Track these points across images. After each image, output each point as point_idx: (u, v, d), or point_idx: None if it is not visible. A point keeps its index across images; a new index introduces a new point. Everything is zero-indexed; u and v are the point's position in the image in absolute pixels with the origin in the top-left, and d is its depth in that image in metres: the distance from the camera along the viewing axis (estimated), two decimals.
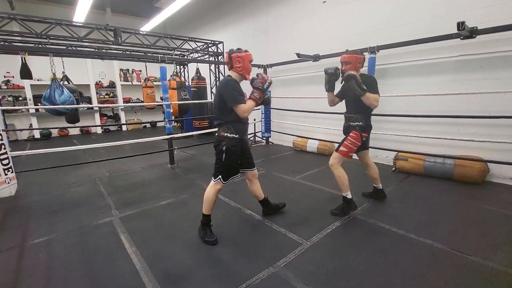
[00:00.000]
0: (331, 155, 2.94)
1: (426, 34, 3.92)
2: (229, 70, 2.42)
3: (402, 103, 4.49)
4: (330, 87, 2.92)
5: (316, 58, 5.41)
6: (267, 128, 6.62)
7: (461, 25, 3.14)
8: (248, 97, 2.34)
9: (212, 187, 2.44)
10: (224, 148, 2.34)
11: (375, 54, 4.45)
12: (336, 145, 5.51)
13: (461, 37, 3.53)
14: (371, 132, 2.99)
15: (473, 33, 3.41)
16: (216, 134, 2.44)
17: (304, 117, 6.07)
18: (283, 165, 4.85)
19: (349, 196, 2.85)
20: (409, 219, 2.71)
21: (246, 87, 2.29)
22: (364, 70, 4.69)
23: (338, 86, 2.93)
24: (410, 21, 4.26)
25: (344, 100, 3.02)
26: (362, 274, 1.91)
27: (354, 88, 2.55)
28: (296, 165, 4.86)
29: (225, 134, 2.35)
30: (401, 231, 2.47)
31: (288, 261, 2.07)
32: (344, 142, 2.83)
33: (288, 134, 6.46)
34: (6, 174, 3.50)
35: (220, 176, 2.41)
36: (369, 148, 2.87)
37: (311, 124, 5.80)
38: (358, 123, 2.78)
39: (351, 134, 2.80)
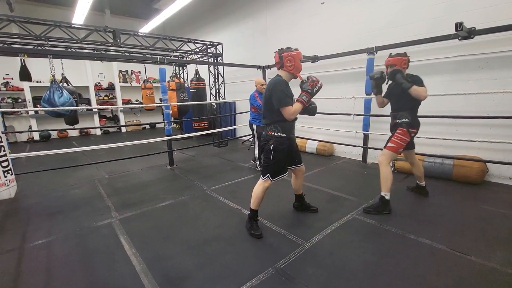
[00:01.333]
0: (330, 156, 2.96)
1: (425, 35, 3.93)
2: (278, 69, 2.44)
3: None
4: (378, 90, 3.05)
5: (315, 59, 5.43)
6: None
7: (459, 26, 3.15)
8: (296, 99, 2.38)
9: (260, 185, 2.50)
10: (271, 147, 2.39)
11: (373, 55, 4.47)
12: (335, 145, 5.54)
13: (459, 38, 3.55)
14: (370, 132, 3.00)
15: (471, 33, 3.43)
16: (264, 133, 2.51)
17: (303, 117, 6.03)
18: None
19: (388, 197, 2.82)
20: (408, 219, 2.71)
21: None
22: (363, 71, 4.72)
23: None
24: (409, 22, 4.28)
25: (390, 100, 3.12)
26: (362, 274, 1.91)
27: (401, 81, 2.64)
28: None
29: (273, 133, 2.40)
30: (400, 231, 2.47)
31: (288, 262, 2.07)
32: (392, 138, 2.88)
33: None
34: (5, 176, 3.50)
35: (268, 174, 2.45)
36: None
37: (310, 125, 5.81)
38: (404, 120, 2.84)
39: (397, 131, 2.85)
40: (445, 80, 4.01)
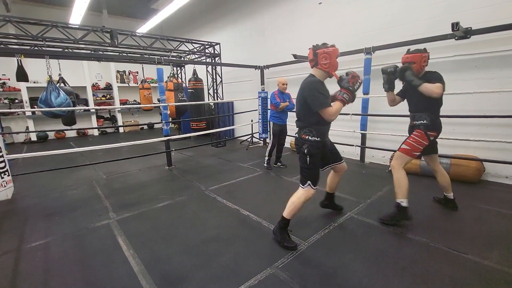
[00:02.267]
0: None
1: (423, 35, 3.95)
2: (311, 67, 2.26)
3: None
4: (390, 87, 2.78)
5: None
6: (265, 129, 6.62)
7: (455, 26, 3.17)
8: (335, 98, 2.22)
9: (302, 195, 2.28)
10: (306, 151, 2.23)
11: (370, 55, 4.48)
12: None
13: (456, 38, 3.57)
14: (367, 132, 2.99)
15: (467, 33, 3.45)
16: (297, 136, 2.35)
17: None
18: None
19: (405, 204, 2.51)
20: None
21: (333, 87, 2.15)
22: (360, 70, 4.73)
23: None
24: (407, 22, 4.30)
25: (406, 100, 2.87)
26: (360, 274, 1.92)
27: (411, 78, 2.44)
28: (293, 165, 4.86)
29: (307, 137, 2.24)
30: (398, 230, 2.48)
31: (286, 262, 2.07)
32: (407, 140, 2.66)
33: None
34: (2, 178, 3.48)
35: (309, 182, 2.26)
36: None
37: None
38: (422, 122, 2.61)
39: (414, 132, 2.65)
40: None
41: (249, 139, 6.99)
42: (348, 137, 5.12)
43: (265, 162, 4.75)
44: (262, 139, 6.95)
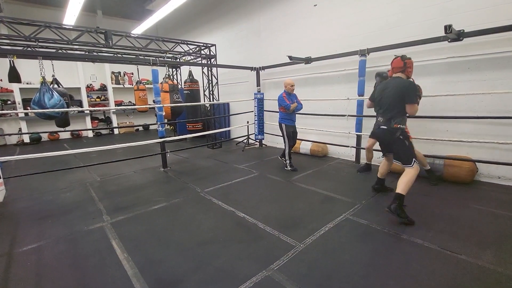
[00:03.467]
0: (324, 156, 2.99)
1: (418, 37, 4.00)
2: (397, 72, 2.85)
3: None
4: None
5: (308, 60, 5.46)
6: (261, 131, 6.63)
7: (448, 28, 3.21)
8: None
9: (414, 172, 2.72)
10: (401, 137, 2.78)
11: (365, 56, 4.51)
12: (329, 146, 5.61)
13: (449, 40, 3.62)
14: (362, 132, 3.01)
15: (460, 35, 3.50)
16: (386, 127, 2.84)
17: (297, 118, 6.08)
18: (277, 167, 4.86)
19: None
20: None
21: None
22: (355, 72, 4.77)
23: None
24: (402, 24, 4.34)
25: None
26: (355, 275, 1.92)
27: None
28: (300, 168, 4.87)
29: (398, 126, 2.77)
30: (392, 231, 2.50)
31: (282, 264, 2.07)
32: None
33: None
34: None
35: (414, 159, 2.75)
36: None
37: (304, 126, 5.84)
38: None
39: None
40: (436, 81, 4.07)
41: (245, 141, 6.98)
42: (344, 138, 5.14)
43: (288, 166, 4.62)
44: (258, 141, 6.95)
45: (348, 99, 4.74)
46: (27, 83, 8.66)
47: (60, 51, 6.44)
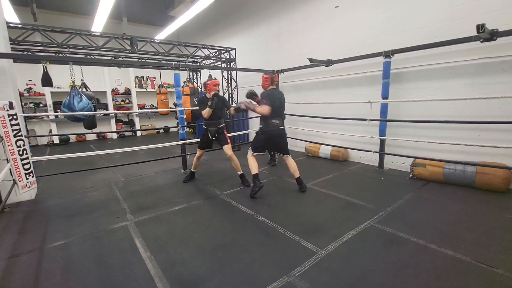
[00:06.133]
0: (344, 161, 2.92)
1: (442, 38, 3.83)
2: (273, 84, 3.66)
3: (419, 108, 4.37)
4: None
5: (329, 63, 5.38)
6: None
7: (480, 28, 3.04)
8: None
9: (291, 157, 3.74)
10: (285, 134, 3.73)
11: (390, 58, 4.37)
12: (350, 151, 5.57)
13: (481, 40, 3.43)
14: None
15: (493, 35, 3.30)
16: (282, 127, 3.64)
17: (317, 122, 6.01)
18: None
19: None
20: (429, 228, 2.60)
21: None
22: (377, 74, 4.64)
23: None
24: (425, 24, 4.17)
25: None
26: (381, 286, 1.84)
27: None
28: (309, 171, 4.79)
29: (283, 127, 3.67)
30: (421, 241, 2.37)
31: (303, 271, 2.02)
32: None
33: (300, 139, 6.40)
34: (27, 179, 3.62)
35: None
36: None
37: (324, 130, 5.74)
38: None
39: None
40: (466, 83, 3.87)
41: None
42: (366, 143, 4.99)
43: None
44: None
45: (370, 102, 4.60)
46: (58, 87, 9.17)
47: (88, 56, 6.77)
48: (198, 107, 4.16)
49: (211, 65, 8.43)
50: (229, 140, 4.24)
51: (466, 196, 3.37)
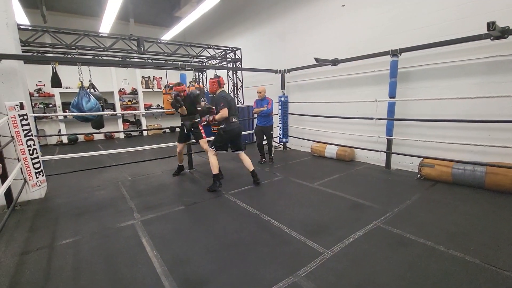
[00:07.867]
0: (351, 161, 2.89)
1: (449, 36, 3.77)
2: (222, 86, 3.98)
3: (427, 107, 4.30)
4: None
5: (335, 62, 5.34)
6: (285, 134, 6.58)
7: (491, 25, 2.98)
8: None
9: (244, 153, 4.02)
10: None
11: (397, 57, 4.32)
12: (356, 150, 5.51)
13: (492, 38, 3.36)
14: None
15: (504, 33, 3.23)
16: (240, 124, 4.02)
17: (322, 122, 5.98)
18: (302, 171, 4.78)
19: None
20: (437, 229, 2.56)
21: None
22: (384, 73, 4.59)
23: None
24: (432, 23, 4.12)
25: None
26: (388, 287, 1.82)
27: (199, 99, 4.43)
28: (314, 171, 4.77)
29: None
30: (429, 242, 2.34)
31: (309, 271, 2.01)
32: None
33: (306, 139, 6.38)
34: (37, 177, 3.69)
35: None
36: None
37: (330, 129, 5.70)
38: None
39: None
40: (477, 82, 3.79)
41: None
42: (373, 143, 4.95)
43: (261, 159, 5.62)
44: (282, 144, 6.90)
45: (377, 101, 4.56)
46: (66, 88, 9.31)
47: (96, 57, 6.86)
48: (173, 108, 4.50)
49: (217, 65, 8.45)
50: (204, 135, 4.61)
51: (476, 197, 3.31)
